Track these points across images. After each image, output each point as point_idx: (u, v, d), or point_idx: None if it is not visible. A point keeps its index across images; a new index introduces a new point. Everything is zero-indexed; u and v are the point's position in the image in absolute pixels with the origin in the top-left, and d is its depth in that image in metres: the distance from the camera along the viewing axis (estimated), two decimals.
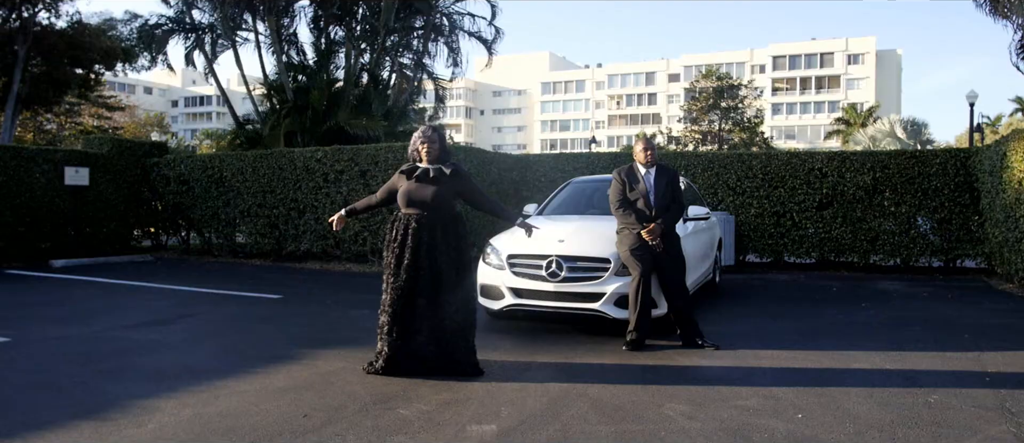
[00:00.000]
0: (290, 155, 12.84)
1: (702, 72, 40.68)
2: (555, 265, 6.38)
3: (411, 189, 5.19)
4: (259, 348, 6.10)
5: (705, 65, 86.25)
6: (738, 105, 38.12)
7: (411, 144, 5.41)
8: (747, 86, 40.61)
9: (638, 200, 6.34)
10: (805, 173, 12.09)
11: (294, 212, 12.81)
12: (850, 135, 54.24)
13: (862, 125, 55.28)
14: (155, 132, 50.11)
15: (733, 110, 37.74)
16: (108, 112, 53.21)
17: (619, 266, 6.34)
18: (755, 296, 9.40)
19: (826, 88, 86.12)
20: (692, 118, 38.56)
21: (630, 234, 6.25)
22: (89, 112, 49.76)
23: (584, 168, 13.23)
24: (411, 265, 5.06)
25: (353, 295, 9.26)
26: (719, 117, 37.84)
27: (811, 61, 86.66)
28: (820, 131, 78.56)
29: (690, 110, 38.69)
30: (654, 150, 6.52)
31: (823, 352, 5.93)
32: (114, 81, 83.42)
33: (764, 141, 37.86)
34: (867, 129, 44.82)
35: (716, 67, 39.63)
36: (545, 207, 8.33)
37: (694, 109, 38.18)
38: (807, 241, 12.17)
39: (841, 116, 59.76)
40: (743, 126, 37.92)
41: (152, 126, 62.92)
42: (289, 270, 12.15)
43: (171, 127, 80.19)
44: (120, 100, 58.39)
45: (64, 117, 46.33)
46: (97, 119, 50.77)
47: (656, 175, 6.43)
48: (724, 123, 37.87)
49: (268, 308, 8.31)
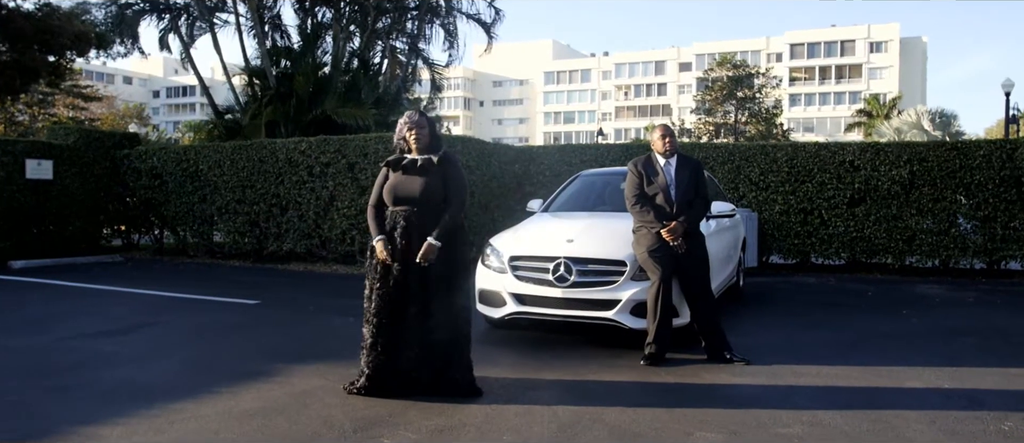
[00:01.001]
0: (272, 146, 12.47)
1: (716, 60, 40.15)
2: (563, 268, 5.97)
3: (397, 183, 4.78)
4: (227, 362, 5.68)
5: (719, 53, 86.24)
6: (755, 95, 37.64)
7: (397, 132, 4.99)
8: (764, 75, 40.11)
9: (657, 195, 5.92)
10: (835, 166, 11.69)
11: (276, 209, 12.44)
12: (873, 128, 53.72)
13: (885, 117, 54.85)
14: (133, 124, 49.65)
15: (750, 100, 37.27)
16: (84, 102, 52.82)
17: (636, 269, 5.94)
18: (783, 301, 8.99)
19: (846, 78, 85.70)
20: (706, 109, 38.08)
21: (648, 233, 5.84)
22: (64, 102, 49.35)
23: (592, 161, 12.83)
24: (398, 269, 4.64)
25: (338, 300, 8.86)
26: (735, 108, 37.37)
27: (831, 49, 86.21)
28: (840, 123, 78.12)
29: (703, 100, 38.22)
30: (674, 138, 6.10)
31: (869, 368, 5.51)
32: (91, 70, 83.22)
33: (783, 133, 37.39)
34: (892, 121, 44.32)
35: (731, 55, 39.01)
36: (551, 203, 7.91)
37: (708, 99, 37.70)
38: (837, 241, 11.77)
39: (863, 108, 59.22)
40: (761, 117, 37.43)
41: (131, 118, 62.58)
42: (270, 272, 11.81)
43: (151, 119, 79.96)
44: (97, 90, 58.01)
45: (37, 108, 45.91)
46: (72, 110, 50.40)
47: (677, 166, 6.02)
48: (740, 114, 37.42)
49: (243, 315, 7.91)
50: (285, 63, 16.51)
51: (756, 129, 37.13)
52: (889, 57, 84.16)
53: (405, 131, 4.87)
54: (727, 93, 36.81)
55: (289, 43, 17.18)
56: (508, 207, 12.85)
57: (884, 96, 67.04)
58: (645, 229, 5.88)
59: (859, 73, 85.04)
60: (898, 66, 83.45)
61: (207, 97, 17.39)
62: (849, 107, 78.19)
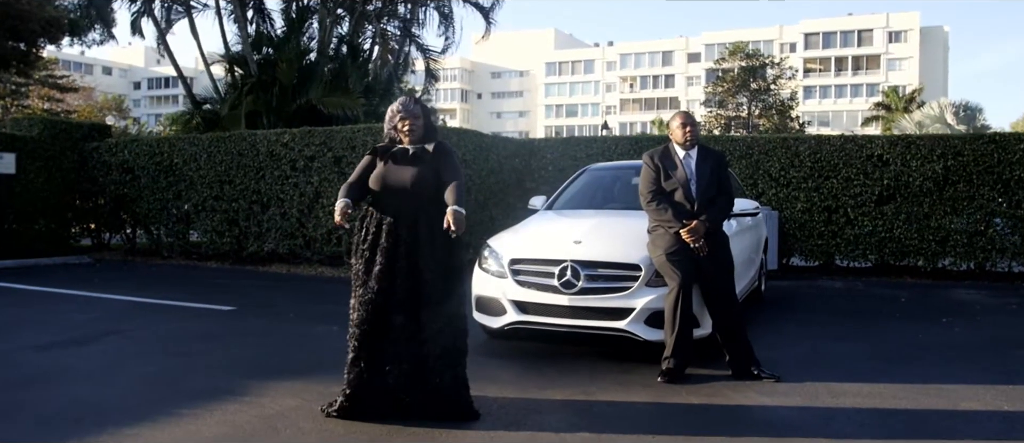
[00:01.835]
0: (252, 138, 12.12)
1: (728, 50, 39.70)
2: (570, 273, 5.59)
3: (386, 172, 4.40)
4: (193, 379, 5.30)
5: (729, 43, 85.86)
6: (769, 86, 37.22)
7: (387, 122, 4.61)
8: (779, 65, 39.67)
9: (676, 191, 5.55)
10: (862, 161, 11.33)
11: (257, 206, 12.09)
12: (892, 122, 53.39)
13: (904, 110, 54.51)
14: (111, 116, 49.27)
15: (764, 92, 36.84)
16: (60, 94, 52.44)
17: (652, 274, 5.56)
18: (809, 308, 8.62)
19: (864, 69, 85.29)
20: (717, 101, 37.64)
21: (666, 234, 5.46)
22: (38, 94, 48.95)
23: (598, 154, 12.48)
24: (385, 271, 4.26)
25: (321, 306, 8.49)
26: (748, 100, 36.94)
27: (847, 39, 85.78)
28: (857, 117, 77.65)
29: (715, 92, 37.78)
30: (696, 127, 5.71)
31: (915, 386, 5.12)
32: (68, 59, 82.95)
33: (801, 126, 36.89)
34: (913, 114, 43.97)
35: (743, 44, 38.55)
36: (555, 200, 7.53)
37: (719, 91, 37.26)
38: (863, 241, 11.41)
39: (881, 100, 58.95)
40: (776, 109, 36.99)
41: (109, 110, 62.18)
42: (250, 274, 11.48)
43: (131, 111, 79.53)
44: (73, 80, 57.65)
45: (9, 99, 45.50)
46: (48, 102, 50.00)
47: (698, 159, 5.64)
48: (754, 106, 36.99)
49: (216, 323, 7.54)
50: (268, 50, 16.18)
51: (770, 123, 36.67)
52: (909, 47, 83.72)
53: (397, 120, 4.49)
54: (740, 84, 36.37)
55: (272, 29, 16.83)
56: (507, 204, 12.50)
57: (903, 88, 66.68)
58: (662, 229, 5.50)
59: (877, 64, 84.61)
60: (918, 57, 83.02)
61: (184, 85, 17.04)
62: (866, 100, 77.85)
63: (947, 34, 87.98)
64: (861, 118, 70.36)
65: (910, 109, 54.49)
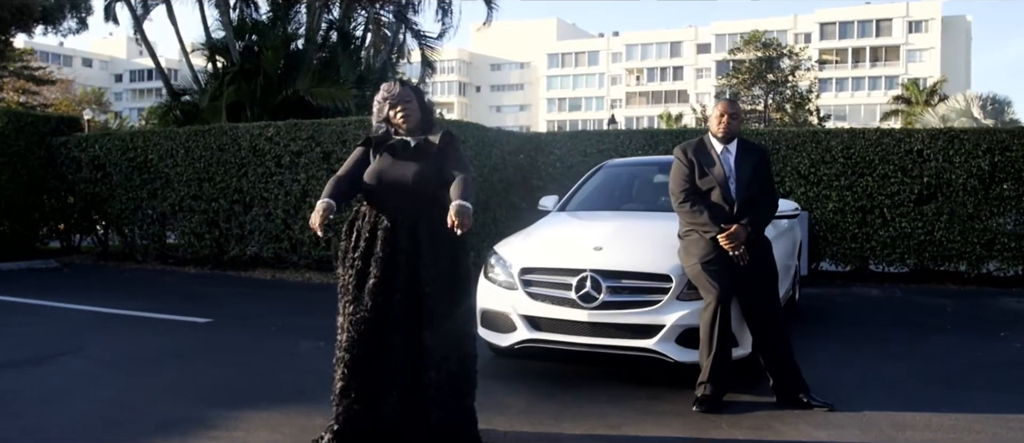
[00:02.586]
0: (233, 132, 11.66)
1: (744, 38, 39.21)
2: (590, 284, 5.11)
3: (383, 168, 3.93)
4: (156, 407, 4.81)
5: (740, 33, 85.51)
6: (787, 77, 36.70)
7: (376, 111, 4.13)
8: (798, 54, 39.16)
9: (712, 190, 5.07)
10: (900, 156, 10.85)
11: (239, 206, 11.63)
12: (913, 116, 52.98)
13: (926, 103, 54.13)
14: (89, 110, 48.82)
15: (782, 84, 36.32)
16: (36, 86, 52.02)
17: (684, 286, 5.09)
18: (850, 320, 8.15)
19: (882, 61, 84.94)
20: (734, 93, 37.13)
21: (701, 240, 4.99)
22: (12, 86, 48.48)
23: (610, 150, 11.94)
24: (380, 285, 3.79)
25: (307, 318, 7.99)
26: (764, 92, 36.44)
27: (865, 29, 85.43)
28: (875, 111, 77.34)
29: (730, 84, 37.28)
30: (738, 117, 5.22)
31: (988, 416, 4.65)
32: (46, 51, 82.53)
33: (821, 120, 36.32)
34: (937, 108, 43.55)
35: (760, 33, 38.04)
36: (569, 200, 7.05)
37: (735, 83, 36.77)
38: (901, 244, 10.92)
39: (901, 94, 58.58)
40: (794, 102, 36.47)
41: (89, 103, 61.70)
42: (231, 281, 11.02)
43: (112, 105, 79.13)
44: (51, 72, 57.21)
45: None
46: (23, 94, 49.55)
47: (738, 154, 5.17)
48: (771, 99, 36.48)
49: (188, 338, 7.08)
50: (251, 37, 15.79)
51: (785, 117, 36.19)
52: (930, 38, 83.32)
53: (387, 109, 4.00)
54: (756, 76, 35.85)
55: (256, 14, 16.46)
56: (511, 205, 12.01)
57: (924, 81, 66.25)
58: (697, 234, 5.03)
59: (896, 55, 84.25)
60: (940, 48, 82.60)
61: (161, 75, 16.60)
62: (885, 93, 77.44)
63: (970, 24, 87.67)
64: (879, 112, 69.95)
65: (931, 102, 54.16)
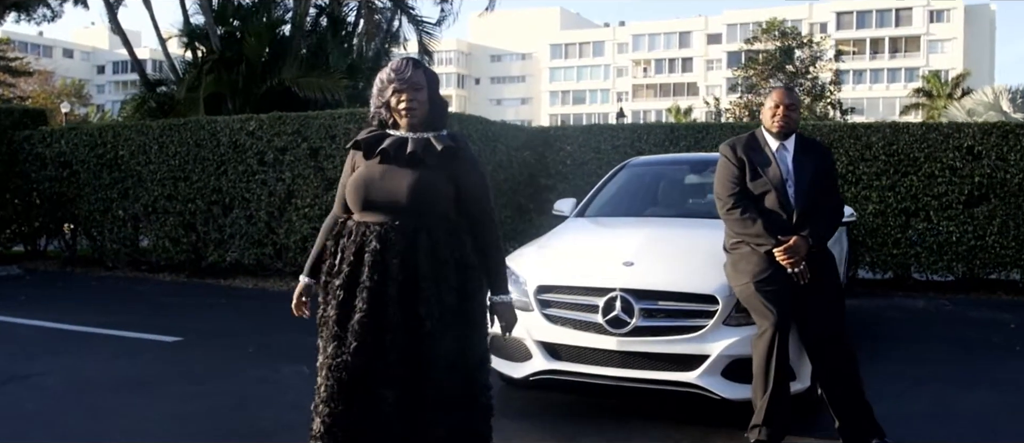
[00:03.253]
0: (212, 126, 11.14)
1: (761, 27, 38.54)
2: (620, 306, 4.51)
3: (371, 176, 3.29)
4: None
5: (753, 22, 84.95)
6: (808, 68, 36.04)
7: (375, 95, 3.41)
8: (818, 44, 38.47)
9: (767, 195, 4.46)
10: (949, 154, 10.26)
11: (217, 207, 11.13)
12: (935, 109, 52.43)
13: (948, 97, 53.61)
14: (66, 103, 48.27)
15: (802, 75, 35.67)
16: (12, 78, 51.49)
17: (733, 308, 4.50)
18: (905, 336, 7.56)
19: (902, 52, 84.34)
20: (749, 85, 36.47)
21: (753, 254, 4.39)
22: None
23: (626, 145, 11.41)
24: (368, 323, 3.15)
25: (291, 334, 7.28)
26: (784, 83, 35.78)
27: (884, 18, 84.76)
28: (894, 105, 76.84)
29: (747, 75, 36.59)
30: (797, 108, 4.60)
31: None
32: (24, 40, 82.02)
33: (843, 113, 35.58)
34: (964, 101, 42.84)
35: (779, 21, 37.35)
36: (588, 204, 6.44)
37: (752, 74, 36.07)
38: (949, 251, 10.31)
39: (921, 86, 58.14)
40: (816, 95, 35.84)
41: (68, 95, 61.19)
42: (208, 290, 10.49)
43: (93, 97, 78.59)
44: (28, 63, 56.67)
45: None
46: None
47: (798, 153, 4.56)
48: None
49: (153, 361, 6.48)
50: (233, 21, 15.28)
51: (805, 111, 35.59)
52: (952, 28, 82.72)
53: (390, 93, 3.31)
54: (776, 66, 35.17)
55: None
56: (517, 206, 11.44)
57: (945, 73, 65.73)
58: (748, 247, 4.42)
59: (917, 46, 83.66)
60: (962, 38, 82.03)
61: (134, 61, 16.06)
62: (905, 86, 76.99)
63: (994, 13, 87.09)
64: (899, 106, 69.47)
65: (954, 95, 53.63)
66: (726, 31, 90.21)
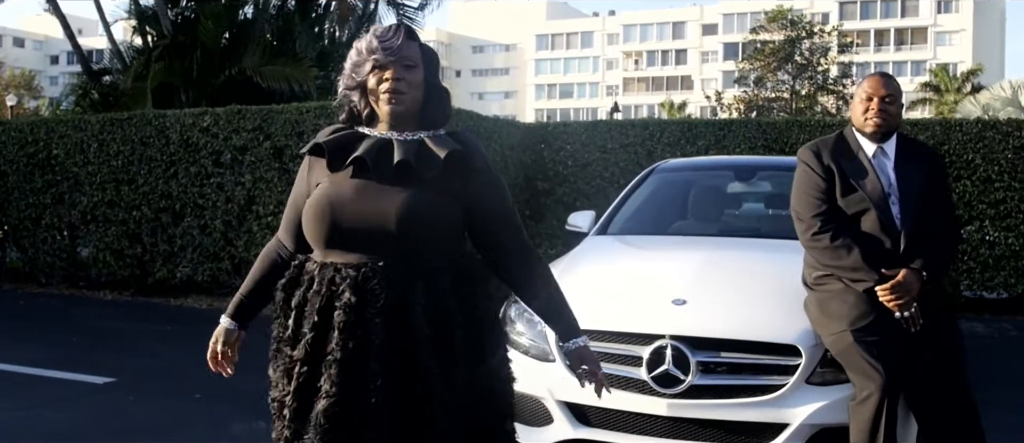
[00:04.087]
0: (160, 121, 10.52)
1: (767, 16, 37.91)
2: (672, 358, 3.70)
3: (341, 197, 2.44)
4: None
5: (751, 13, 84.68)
6: (819, 59, 35.44)
7: (346, 73, 2.54)
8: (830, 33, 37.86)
9: (864, 213, 3.66)
10: (1007, 154, 9.73)
11: (166, 215, 10.54)
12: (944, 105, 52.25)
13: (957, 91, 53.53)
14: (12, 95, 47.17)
15: (811, 66, 35.04)
16: None
17: (819, 362, 3.67)
18: (984, 371, 6.73)
19: (908, 44, 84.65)
20: (756, 77, 35.82)
21: (848, 293, 3.58)
22: None
23: (636, 144, 10.86)
24: (336, 416, 2.33)
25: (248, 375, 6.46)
26: (792, 76, 35.12)
27: (889, 9, 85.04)
28: None
29: (754, 66, 35.94)
30: (897, 99, 3.78)
31: None
32: None
33: None
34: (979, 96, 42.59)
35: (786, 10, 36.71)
36: (611, 218, 5.56)
37: (758, 65, 35.43)
38: (1007, 265, 9.73)
39: (929, 80, 58.15)
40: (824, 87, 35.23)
41: (16, 88, 60.02)
42: (156, 312, 9.79)
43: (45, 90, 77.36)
44: None
45: None
46: None
47: (900, 159, 3.77)
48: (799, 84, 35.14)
49: (78, 413, 5.57)
50: (188, 2, 14.72)
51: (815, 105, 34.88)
52: (961, 19, 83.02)
53: (369, 68, 2.45)
54: (784, 57, 34.52)
55: None
56: None
57: (954, 66, 65.77)
58: (840, 282, 3.61)
59: (924, 38, 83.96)
60: (971, 30, 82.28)
61: (74, 48, 15.31)
62: (911, 80, 77.03)
63: (1004, 4, 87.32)
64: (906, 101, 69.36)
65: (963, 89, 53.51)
66: (722, 21, 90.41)
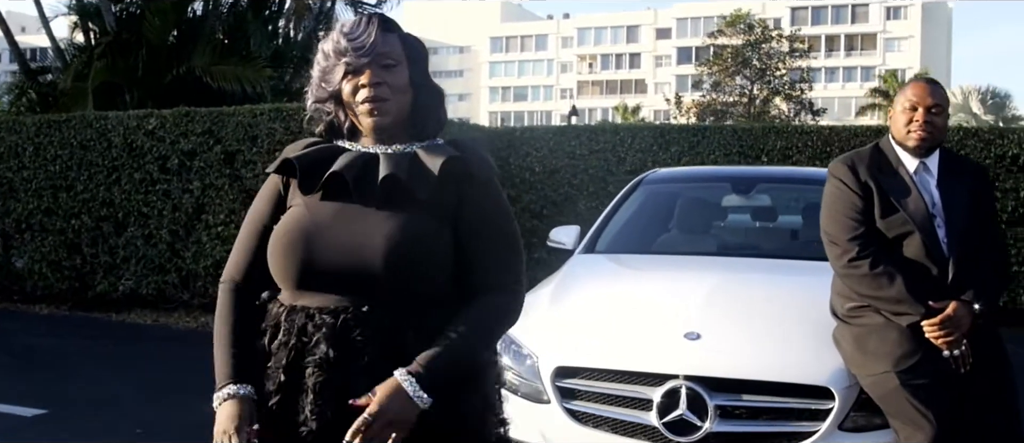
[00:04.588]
0: (101, 123, 10.09)
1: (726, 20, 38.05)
2: (687, 401, 3.27)
3: (315, 226, 2.01)
4: None
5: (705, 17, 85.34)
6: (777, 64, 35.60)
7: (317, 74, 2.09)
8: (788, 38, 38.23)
9: (906, 237, 3.25)
10: (990, 160, 9.58)
11: (108, 224, 10.11)
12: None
13: None
14: None
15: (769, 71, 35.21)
16: None
17: (853, 405, 3.26)
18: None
19: (858, 50, 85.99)
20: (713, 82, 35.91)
21: (890, 329, 3.17)
22: None
23: (607, 150, 10.46)
24: None
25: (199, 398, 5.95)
26: (750, 81, 35.20)
27: (840, 15, 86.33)
28: (850, 105, 78.23)
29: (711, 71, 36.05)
30: (944, 110, 3.36)
31: None
32: None
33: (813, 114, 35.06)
34: None
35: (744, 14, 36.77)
36: (599, 234, 5.10)
37: (716, 70, 35.54)
38: None
39: (879, 86, 59.10)
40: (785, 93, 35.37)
41: None
42: (96, 328, 9.28)
43: None
44: None
45: None
46: None
47: (944, 173, 3.37)
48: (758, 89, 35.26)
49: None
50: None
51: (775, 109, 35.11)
52: (909, 25, 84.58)
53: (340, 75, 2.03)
54: (742, 62, 34.61)
55: None
56: None
57: (902, 72, 66.90)
58: (881, 315, 3.20)
59: (873, 44, 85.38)
60: (920, 36, 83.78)
61: (10, 44, 14.57)
62: (861, 85, 78.41)
63: (951, 11, 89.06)
64: (855, 106, 70.35)
65: None
66: (676, 25, 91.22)
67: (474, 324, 1.95)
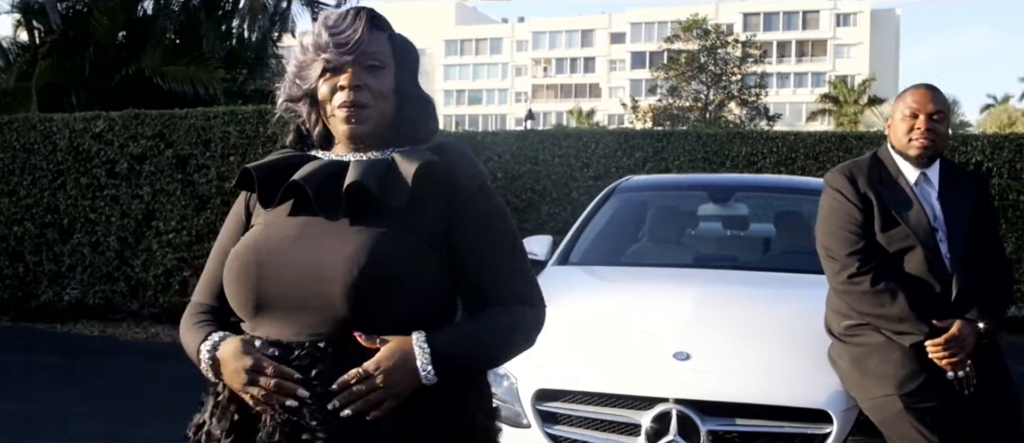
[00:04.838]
0: (45, 126, 9.96)
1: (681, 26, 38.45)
2: (678, 426, 3.12)
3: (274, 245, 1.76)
4: None
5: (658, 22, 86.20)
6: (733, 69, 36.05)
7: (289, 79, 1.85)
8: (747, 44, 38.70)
9: (908, 251, 3.10)
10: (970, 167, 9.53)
11: (53, 231, 10.00)
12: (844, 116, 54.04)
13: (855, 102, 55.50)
14: None
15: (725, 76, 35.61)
16: None
17: (851, 430, 3.12)
18: None
19: (809, 56, 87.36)
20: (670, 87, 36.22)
21: (891, 349, 3.04)
22: None
23: (571, 155, 10.37)
24: None
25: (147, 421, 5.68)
26: (707, 85, 35.54)
27: (791, 21, 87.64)
28: (801, 111, 79.48)
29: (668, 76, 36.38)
30: (946, 118, 3.24)
31: None
32: None
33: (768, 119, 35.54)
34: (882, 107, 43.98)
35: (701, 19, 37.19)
36: (572, 245, 4.92)
37: (673, 75, 35.85)
38: None
39: (829, 92, 60.17)
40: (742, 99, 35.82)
41: None
42: (39, 340, 9.15)
43: None
44: None
45: None
46: None
47: (945, 184, 3.26)
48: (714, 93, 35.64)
49: None
50: None
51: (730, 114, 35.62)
52: (858, 32, 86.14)
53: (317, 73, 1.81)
54: (698, 67, 34.96)
55: None
56: None
57: (852, 79, 68.03)
58: (879, 334, 3.06)
59: (824, 50, 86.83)
60: (868, 43, 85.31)
61: None
62: (812, 91, 79.54)
63: (899, 18, 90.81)
64: (806, 112, 71.51)
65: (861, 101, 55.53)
66: (631, 30, 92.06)
67: (497, 328, 1.76)
